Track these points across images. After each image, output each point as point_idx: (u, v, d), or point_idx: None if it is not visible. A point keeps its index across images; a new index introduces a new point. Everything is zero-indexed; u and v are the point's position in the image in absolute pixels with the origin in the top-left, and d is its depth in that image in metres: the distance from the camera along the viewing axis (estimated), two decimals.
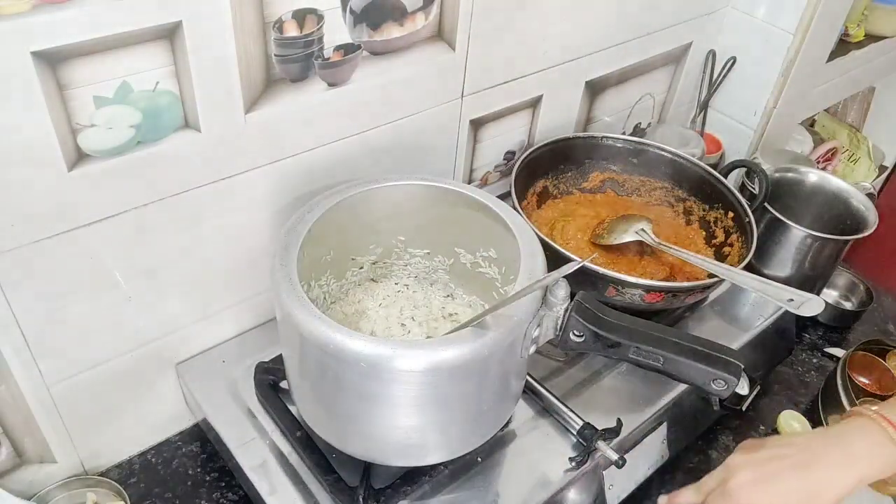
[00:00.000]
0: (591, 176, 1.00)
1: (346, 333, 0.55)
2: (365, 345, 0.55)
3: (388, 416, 0.60)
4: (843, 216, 1.02)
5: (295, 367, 0.65)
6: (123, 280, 0.67)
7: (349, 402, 0.60)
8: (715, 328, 0.90)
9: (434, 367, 0.55)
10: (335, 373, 0.58)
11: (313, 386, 0.63)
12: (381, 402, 0.59)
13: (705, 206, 0.96)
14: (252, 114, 0.65)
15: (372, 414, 0.60)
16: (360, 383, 0.58)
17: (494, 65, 0.84)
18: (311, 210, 0.65)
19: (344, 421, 0.63)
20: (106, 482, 0.74)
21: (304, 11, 0.63)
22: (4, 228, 0.56)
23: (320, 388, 0.62)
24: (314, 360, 0.60)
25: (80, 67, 0.53)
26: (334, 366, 0.57)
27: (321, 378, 0.61)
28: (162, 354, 0.76)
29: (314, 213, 0.65)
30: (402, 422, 0.61)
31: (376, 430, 0.62)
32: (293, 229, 0.63)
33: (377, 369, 0.55)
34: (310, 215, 0.65)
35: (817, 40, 1.08)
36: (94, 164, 0.58)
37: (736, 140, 1.20)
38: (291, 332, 0.58)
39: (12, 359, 0.63)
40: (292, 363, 0.65)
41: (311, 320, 0.56)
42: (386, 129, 0.78)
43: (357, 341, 0.55)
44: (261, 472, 0.69)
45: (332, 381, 0.59)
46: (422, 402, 0.59)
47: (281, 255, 0.61)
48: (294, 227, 0.63)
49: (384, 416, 0.60)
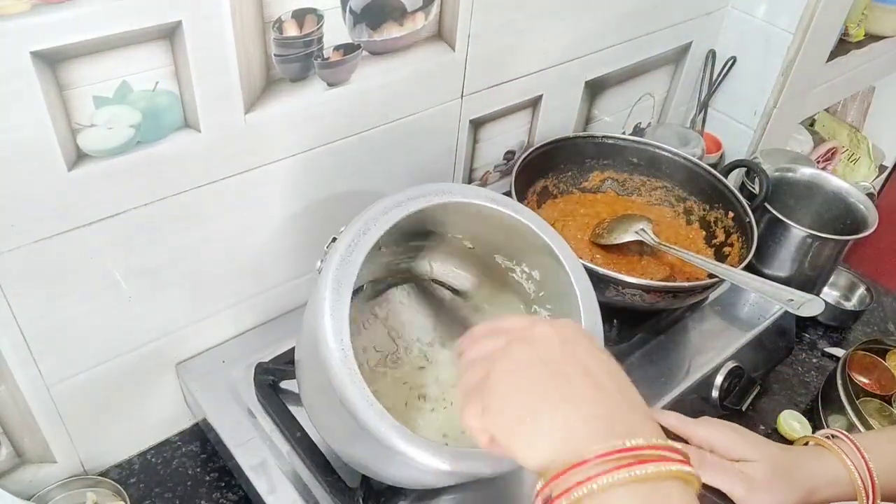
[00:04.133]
0: (591, 176, 1.00)
1: (402, 436, 0.50)
2: (419, 453, 0.51)
3: (415, 479, 0.59)
4: (843, 216, 1.02)
5: (321, 413, 0.61)
6: (123, 280, 0.67)
7: (378, 462, 0.58)
8: (715, 328, 0.90)
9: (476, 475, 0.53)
10: (372, 447, 0.53)
11: (339, 437, 0.60)
12: (412, 473, 0.56)
13: (705, 206, 0.96)
14: (252, 114, 0.65)
15: (398, 474, 0.59)
16: (399, 467, 0.55)
17: (494, 65, 0.84)
18: (354, 249, 0.54)
19: (365, 466, 0.61)
20: (106, 482, 0.74)
21: (303, 11, 0.63)
22: (4, 228, 0.56)
23: (348, 444, 0.60)
24: (352, 431, 0.53)
25: (80, 67, 0.53)
26: (373, 443, 0.52)
27: (352, 438, 0.56)
28: (162, 354, 0.75)
29: (357, 254, 0.54)
30: (426, 480, 0.60)
31: (400, 480, 0.61)
32: (345, 263, 0.53)
33: (421, 466, 0.52)
34: (362, 242, 0.55)
35: (817, 40, 1.08)
36: (94, 164, 0.58)
37: (736, 140, 1.20)
38: (331, 398, 0.52)
39: (12, 359, 0.63)
40: (319, 409, 0.62)
41: (366, 409, 0.50)
42: (386, 129, 0.78)
43: (413, 448, 0.50)
44: (260, 471, 0.69)
45: (366, 447, 0.55)
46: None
47: (334, 293, 0.52)
48: (346, 261, 0.53)
49: (411, 478, 0.59)
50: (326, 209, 0.79)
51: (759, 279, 0.77)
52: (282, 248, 0.78)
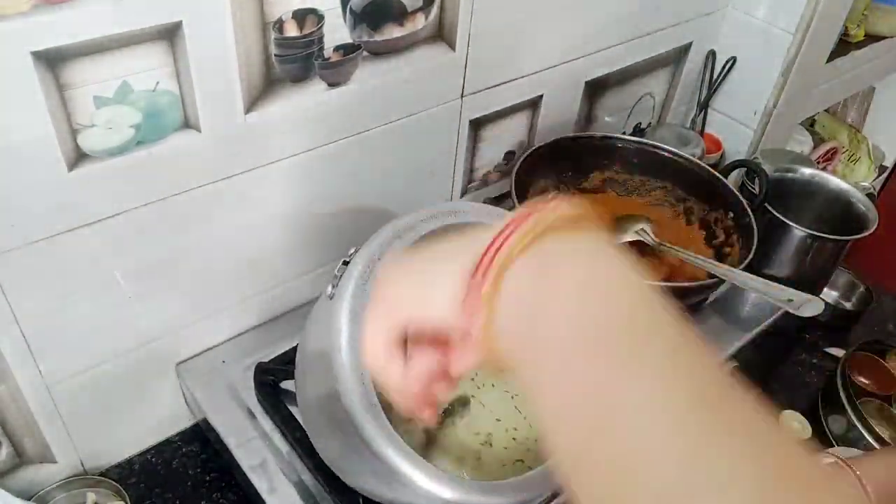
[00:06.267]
0: (591, 176, 1.00)
1: (421, 468, 0.50)
2: (434, 485, 0.50)
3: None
4: (843, 216, 1.02)
5: (321, 432, 0.61)
6: (123, 280, 0.67)
7: (379, 486, 0.57)
8: (715, 328, 0.90)
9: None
10: (377, 472, 0.52)
11: (341, 455, 0.59)
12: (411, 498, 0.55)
13: (705, 206, 0.96)
14: (252, 114, 0.65)
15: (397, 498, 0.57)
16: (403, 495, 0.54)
17: (494, 65, 0.84)
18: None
19: (364, 487, 0.60)
20: (106, 482, 0.74)
21: (304, 11, 0.63)
22: (4, 228, 0.56)
23: (350, 464, 0.59)
24: (360, 453, 0.52)
25: (80, 67, 0.53)
26: (381, 470, 0.51)
27: (357, 460, 0.55)
28: (162, 354, 0.76)
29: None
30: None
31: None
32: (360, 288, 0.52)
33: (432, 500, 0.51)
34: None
35: (817, 40, 1.08)
36: (95, 164, 0.58)
37: (736, 140, 1.20)
38: (344, 430, 0.51)
39: (12, 359, 0.63)
40: (318, 428, 0.61)
41: (385, 445, 0.49)
42: (386, 130, 0.78)
43: (431, 483, 0.50)
44: (260, 471, 0.69)
45: (369, 473, 0.55)
46: None
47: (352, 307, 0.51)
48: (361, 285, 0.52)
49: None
50: (327, 209, 0.79)
51: (759, 279, 0.77)
52: (282, 247, 0.78)
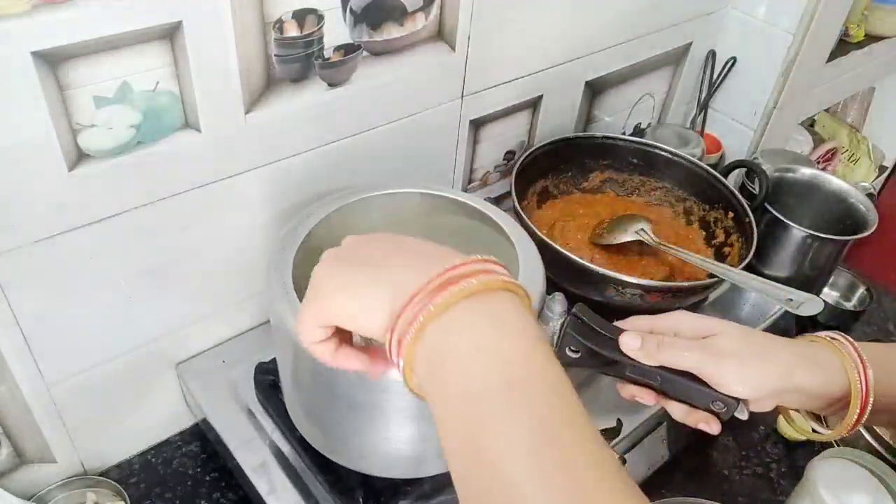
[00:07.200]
0: (591, 176, 1.00)
1: None
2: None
3: (381, 427, 0.60)
4: (843, 216, 1.02)
5: (288, 375, 0.64)
6: (123, 280, 0.67)
7: (342, 412, 0.60)
8: None
9: None
10: (327, 381, 0.58)
11: (306, 394, 0.63)
12: (373, 411, 0.58)
13: (705, 207, 0.96)
14: (252, 114, 0.65)
15: (365, 424, 0.60)
16: (352, 392, 0.57)
17: (494, 65, 0.84)
18: (309, 216, 0.65)
19: (337, 431, 0.62)
20: (106, 482, 0.74)
21: (304, 11, 0.63)
22: (4, 228, 0.56)
23: (313, 397, 0.62)
24: (306, 368, 0.59)
25: (80, 67, 0.53)
26: (326, 374, 0.57)
27: (314, 386, 0.61)
28: (162, 354, 0.76)
29: (311, 219, 0.64)
30: (396, 432, 0.60)
31: (369, 440, 0.61)
32: (290, 235, 0.63)
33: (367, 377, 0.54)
34: (307, 221, 0.64)
35: (817, 40, 1.08)
36: (95, 164, 0.58)
37: (736, 140, 1.20)
38: (284, 339, 0.58)
39: (12, 359, 0.63)
40: (285, 370, 0.65)
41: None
42: (386, 130, 0.78)
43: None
44: (261, 471, 0.69)
45: (324, 389, 0.59)
46: (414, 412, 0.58)
47: (276, 261, 0.60)
48: (291, 233, 0.63)
49: (377, 428, 0.60)
50: None
51: (758, 279, 0.77)
52: None
